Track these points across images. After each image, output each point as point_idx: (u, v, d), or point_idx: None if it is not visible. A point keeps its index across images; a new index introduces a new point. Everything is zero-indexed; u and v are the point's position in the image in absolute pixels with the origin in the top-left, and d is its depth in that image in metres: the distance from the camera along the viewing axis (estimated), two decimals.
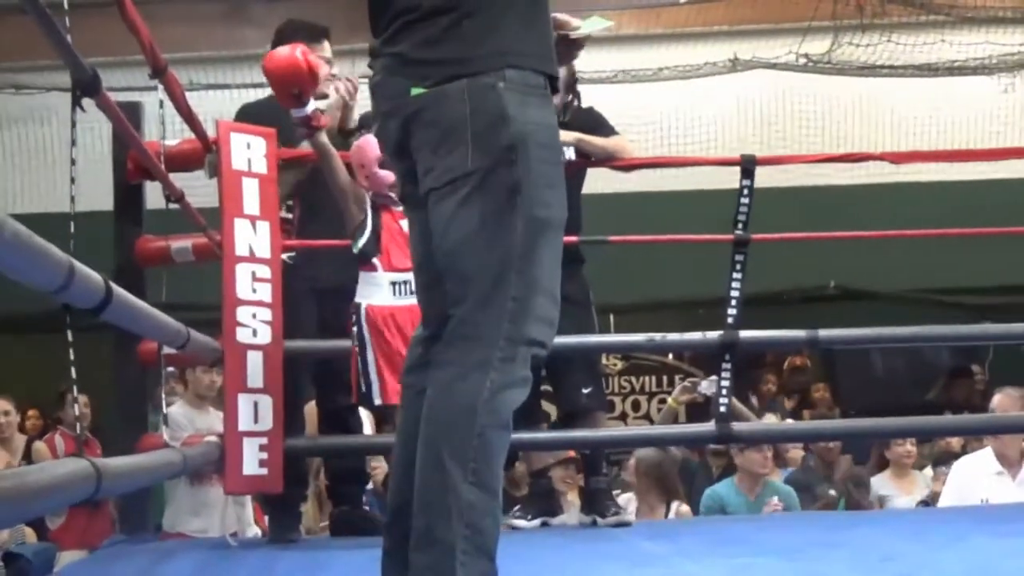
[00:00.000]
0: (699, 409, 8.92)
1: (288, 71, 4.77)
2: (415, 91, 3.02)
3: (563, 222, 3.06)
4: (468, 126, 2.94)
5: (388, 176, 4.73)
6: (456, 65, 2.99)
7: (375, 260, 5.05)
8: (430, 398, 2.96)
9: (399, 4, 3.10)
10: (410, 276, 4.76)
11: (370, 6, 3.23)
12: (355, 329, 5.04)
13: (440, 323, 3.07)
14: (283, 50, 4.85)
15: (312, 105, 4.88)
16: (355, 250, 5.09)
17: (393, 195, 4.84)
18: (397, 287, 5.00)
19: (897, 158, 6.81)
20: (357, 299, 5.08)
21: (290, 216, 5.75)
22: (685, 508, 7.57)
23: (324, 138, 5.02)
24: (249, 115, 5.71)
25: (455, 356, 2.94)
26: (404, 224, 4.84)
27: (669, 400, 8.92)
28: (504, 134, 2.93)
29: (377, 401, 4.99)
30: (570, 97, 5.88)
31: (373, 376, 4.99)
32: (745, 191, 5.83)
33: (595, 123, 5.95)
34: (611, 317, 10.96)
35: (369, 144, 4.82)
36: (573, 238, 5.80)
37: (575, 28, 5.43)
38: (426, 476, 2.89)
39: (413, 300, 4.81)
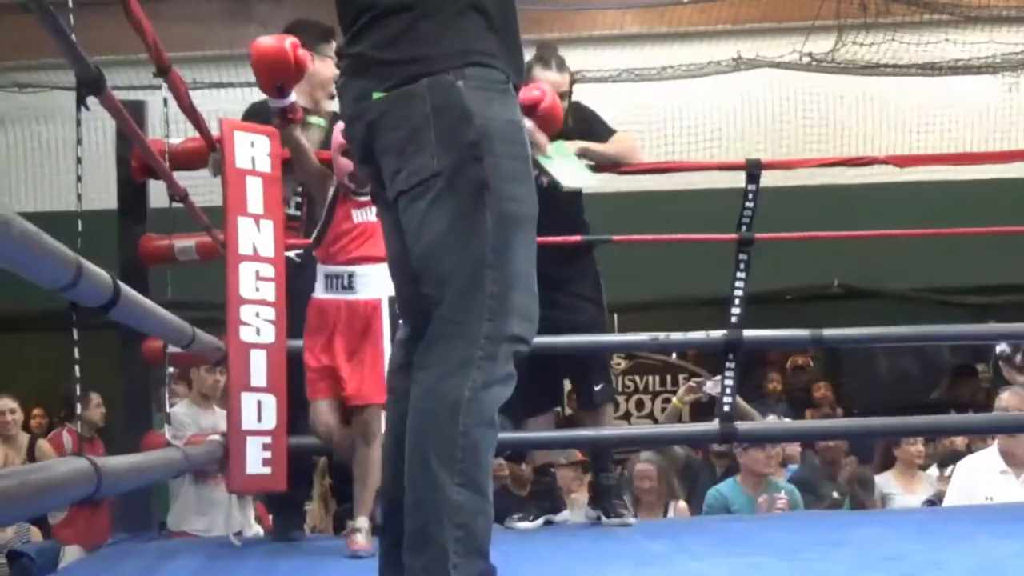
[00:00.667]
0: (703, 408, 8.93)
1: (273, 60, 4.75)
2: (376, 95, 3.00)
3: (535, 216, 3.04)
4: (431, 126, 2.92)
5: (347, 164, 4.70)
6: (415, 64, 2.96)
7: (314, 253, 5.04)
8: (414, 400, 2.94)
9: (360, 3, 3.08)
10: (343, 270, 4.87)
11: (337, 6, 3.21)
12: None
13: (418, 324, 3.06)
14: (270, 39, 4.83)
15: (292, 98, 4.85)
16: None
17: (352, 185, 4.83)
18: (330, 281, 4.98)
19: (901, 161, 6.80)
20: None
21: (298, 214, 5.76)
22: (683, 505, 7.58)
23: (297, 132, 4.99)
24: (258, 114, 5.72)
25: (436, 357, 2.92)
26: (356, 216, 4.89)
27: (674, 400, 8.92)
28: (468, 131, 2.90)
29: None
30: (565, 104, 5.85)
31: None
32: (750, 195, 5.83)
33: (589, 124, 5.95)
34: (615, 316, 10.97)
35: (336, 131, 4.80)
36: (577, 237, 5.82)
37: (547, 155, 5.44)
38: (415, 478, 2.88)
39: (344, 295, 4.85)
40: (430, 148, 2.91)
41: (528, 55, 5.75)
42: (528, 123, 3.68)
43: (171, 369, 5.86)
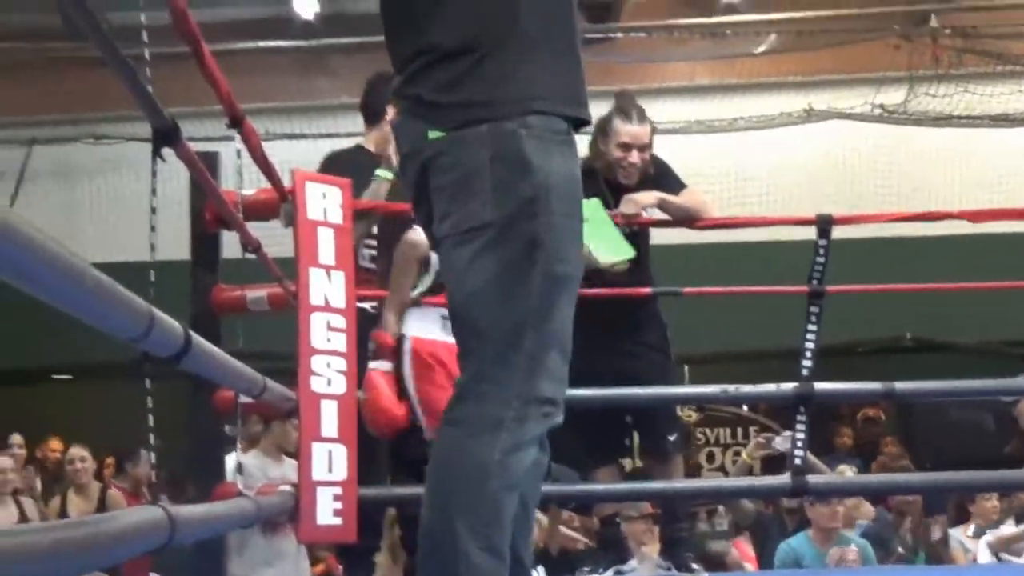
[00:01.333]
0: (773, 462, 8.88)
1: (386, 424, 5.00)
2: (432, 134, 2.92)
3: (580, 276, 2.97)
4: (488, 174, 2.84)
5: None
6: (476, 109, 2.88)
7: (424, 300, 5.01)
8: (440, 455, 2.90)
9: (417, 44, 3.01)
10: None
11: (388, 46, 3.15)
12: (398, 361, 5.02)
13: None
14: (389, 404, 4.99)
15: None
16: (415, 293, 5.06)
17: None
18: (447, 321, 4.98)
19: (975, 217, 6.73)
20: (404, 330, 5.05)
21: (372, 266, 5.78)
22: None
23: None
24: (334, 162, 5.75)
25: (466, 414, 2.86)
26: None
27: (743, 455, 8.88)
28: (525, 184, 2.83)
29: (427, 436, 4.96)
30: (647, 156, 5.85)
31: (419, 412, 4.98)
32: (821, 249, 5.80)
33: (661, 176, 5.94)
34: (685, 368, 10.93)
35: None
36: (647, 289, 5.81)
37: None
38: (434, 529, 2.84)
39: None
40: (483, 196, 2.84)
41: (605, 106, 5.77)
42: None
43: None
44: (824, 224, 5.82)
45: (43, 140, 14.12)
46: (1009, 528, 7.88)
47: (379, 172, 5.65)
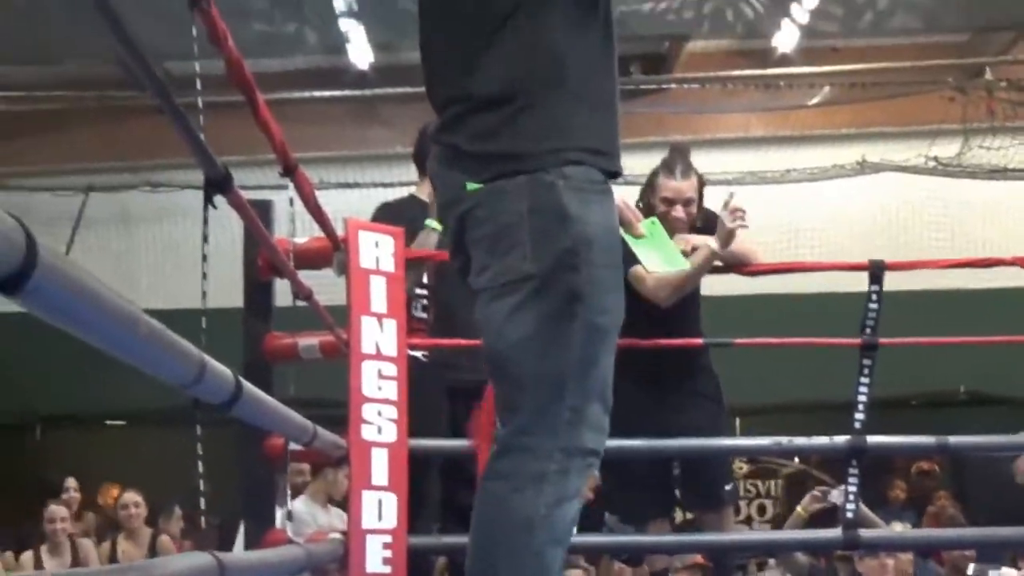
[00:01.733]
0: (826, 515, 8.82)
1: None
2: (471, 186, 2.91)
3: (619, 326, 2.95)
4: (526, 225, 2.82)
5: None
6: (514, 160, 2.86)
7: None
8: (484, 509, 2.89)
9: (453, 92, 3.01)
10: None
11: (428, 91, 3.15)
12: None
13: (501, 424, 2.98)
14: None
15: None
16: None
17: None
18: None
19: None
20: None
21: (424, 316, 5.80)
22: None
23: None
24: (387, 212, 5.77)
25: (509, 468, 2.85)
26: None
27: (798, 508, 8.82)
28: (564, 236, 2.81)
29: None
30: (692, 210, 5.85)
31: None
32: (873, 296, 5.77)
33: (710, 226, 5.93)
34: (737, 419, 10.89)
35: None
36: (699, 340, 5.80)
37: (638, 234, 5.34)
38: None
39: None
40: (522, 248, 2.83)
41: (658, 157, 5.79)
42: (619, 199, 3.57)
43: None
44: (876, 270, 5.78)
45: (100, 187, 14.26)
46: None
47: (429, 222, 5.67)
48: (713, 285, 6.06)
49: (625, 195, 4.83)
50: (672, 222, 5.74)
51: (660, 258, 5.29)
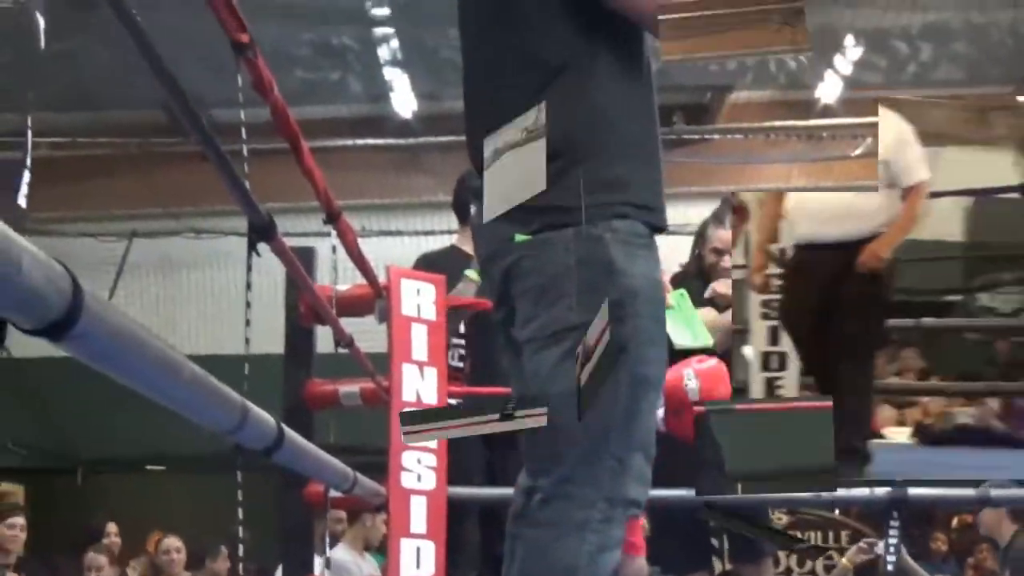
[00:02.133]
0: (871, 566, 8.78)
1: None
2: (519, 238, 2.90)
3: (662, 379, 2.96)
4: (574, 277, 2.81)
5: None
6: (562, 213, 2.83)
7: None
8: (525, 557, 2.89)
9: None
10: None
11: (470, 141, 3.11)
12: None
13: (536, 473, 2.96)
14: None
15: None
16: None
17: None
18: None
19: None
20: None
21: (461, 365, 5.80)
22: None
23: None
24: (427, 264, 5.79)
25: (552, 516, 2.85)
26: None
27: (843, 560, 8.77)
28: (612, 288, 2.77)
29: None
30: None
31: None
32: None
33: None
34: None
35: None
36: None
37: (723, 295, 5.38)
38: None
39: None
40: (569, 300, 2.81)
41: (703, 207, 5.80)
42: None
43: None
44: None
45: (143, 233, 14.34)
46: None
47: (467, 272, 5.68)
48: None
49: (666, 245, 4.83)
50: (721, 272, 5.75)
51: (685, 332, 5.29)
